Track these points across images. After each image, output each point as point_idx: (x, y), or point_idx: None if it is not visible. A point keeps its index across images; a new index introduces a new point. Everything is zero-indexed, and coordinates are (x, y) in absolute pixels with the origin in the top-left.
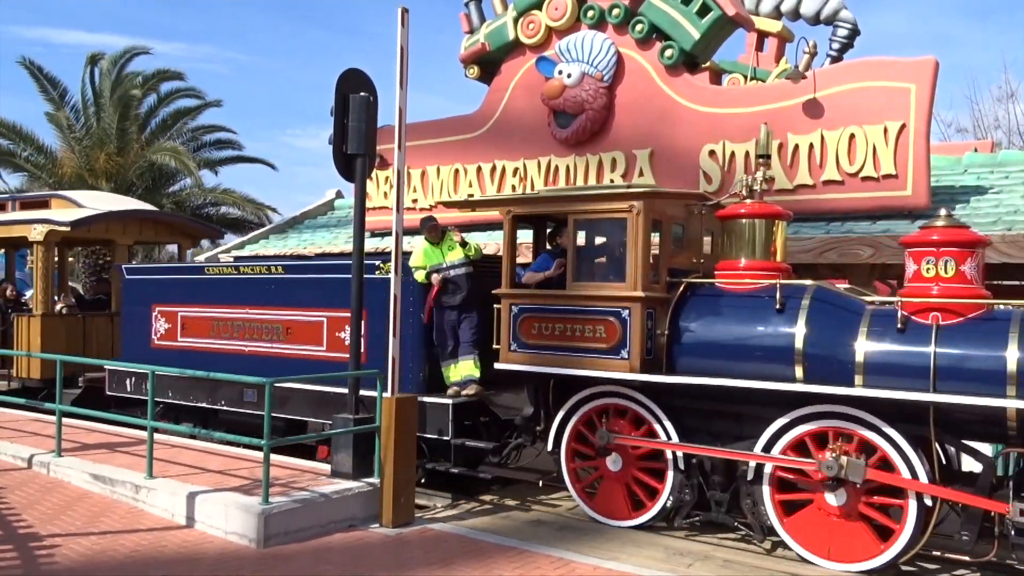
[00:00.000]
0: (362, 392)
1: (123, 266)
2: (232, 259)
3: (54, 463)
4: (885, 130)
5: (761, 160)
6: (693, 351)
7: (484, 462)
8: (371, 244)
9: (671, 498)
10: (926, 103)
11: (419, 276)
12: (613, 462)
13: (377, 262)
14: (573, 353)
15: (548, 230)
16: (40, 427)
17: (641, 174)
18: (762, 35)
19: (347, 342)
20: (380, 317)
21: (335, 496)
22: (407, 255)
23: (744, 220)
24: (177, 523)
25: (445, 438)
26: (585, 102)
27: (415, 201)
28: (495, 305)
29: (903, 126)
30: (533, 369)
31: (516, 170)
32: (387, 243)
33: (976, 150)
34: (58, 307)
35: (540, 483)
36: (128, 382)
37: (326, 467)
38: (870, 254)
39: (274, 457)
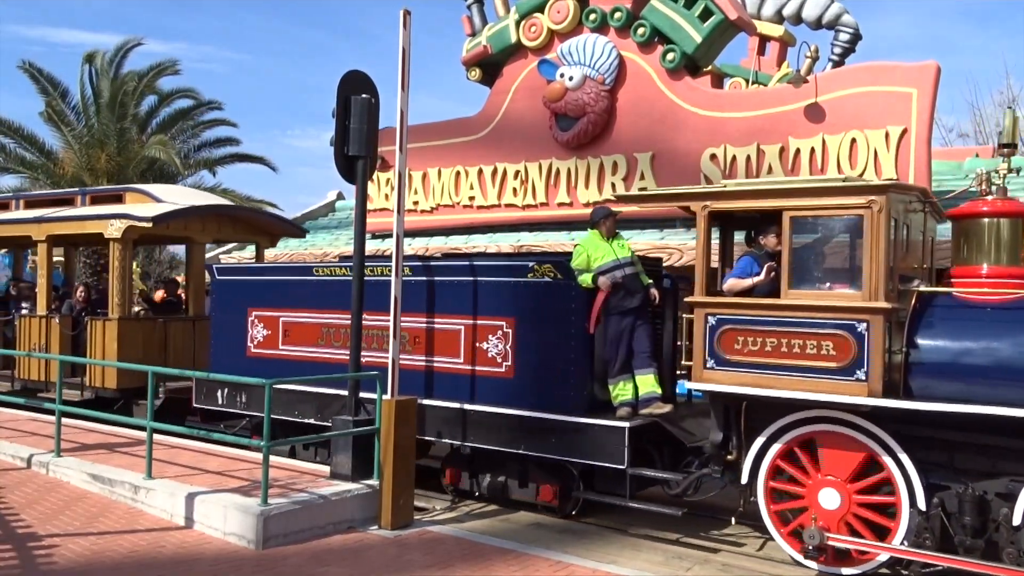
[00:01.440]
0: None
1: (215, 266)
2: (337, 258)
3: (53, 463)
4: (887, 135)
5: (1006, 149)
6: (937, 372)
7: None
8: (371, 246)
9: (904, 543)
10: (927, 108)
11: (585, 280)
12: (827, 498)
13: (531, 263)
14: (788, 372)
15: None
16: (39, 427)
17: (642, 177)
18: (764, 39)
19: (491, 354)
20: (533, 326)
21: (334, 498)
22: (515, 255)
23: (985, 220)
24: (176, 524)
25: (618, 466)
26: (587, 105)
27: (416, 203)
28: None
29: (904, 131)
30: (741, 391)
31: (517, 173)
32: (388, 245)
33: (977, 155)
34: (135, 310)
35: (733, 520)
36: (220, 394)
37: (325, 469)
38: None
39: (273, 458)
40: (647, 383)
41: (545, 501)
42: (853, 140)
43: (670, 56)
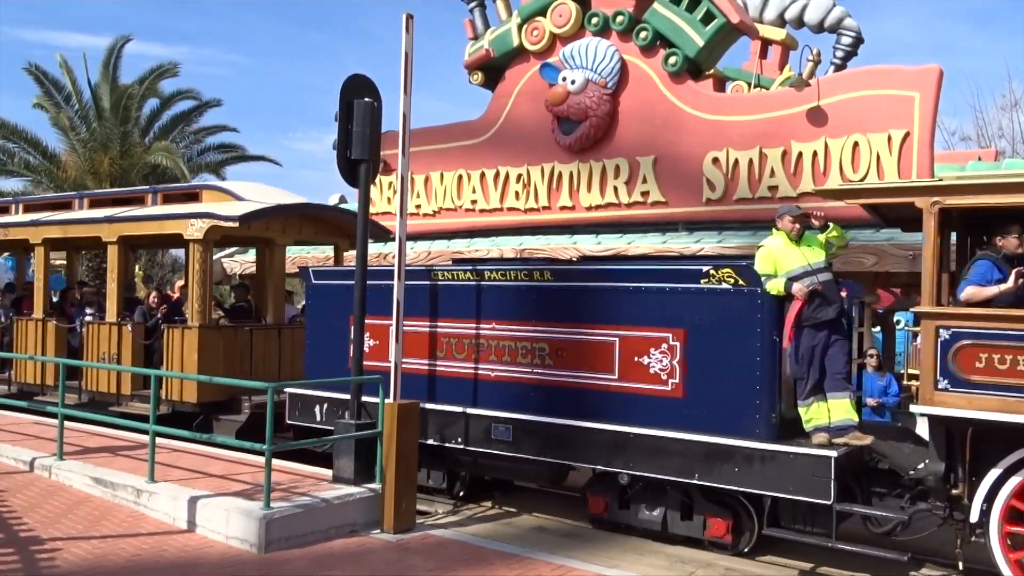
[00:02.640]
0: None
1: (312, 269)
2: (450, 261)
3: (56, 466)
4: (889, 138)
5: None
6: None
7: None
8: (373, 249)
9: None
10: (930, 112)
11: (774, 287)
12: None
13: (705, 268)
14: None
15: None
16: (42, 430)
17: (645, 181)
18: (766, 43)
19: (654, 370)
20: (709, 339)
21: (336, 501)
22: (682, 259)
23: None
24: (178, 527)
25: (821, 501)
26: (589, 109)
27: (418, 207)
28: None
29: (907, 134)
30: (987, 416)
31: (520, 176)
32: (390, 248)
33: (980, 159)
34: (215, 316)
35: (960, 566)
36: (318, 409)
37: (327, 472)
38: (873, 262)
39: (275, 462)
40: (842, 408)
41: (715, 537)
42: (855, 144)
43: (672, 60)
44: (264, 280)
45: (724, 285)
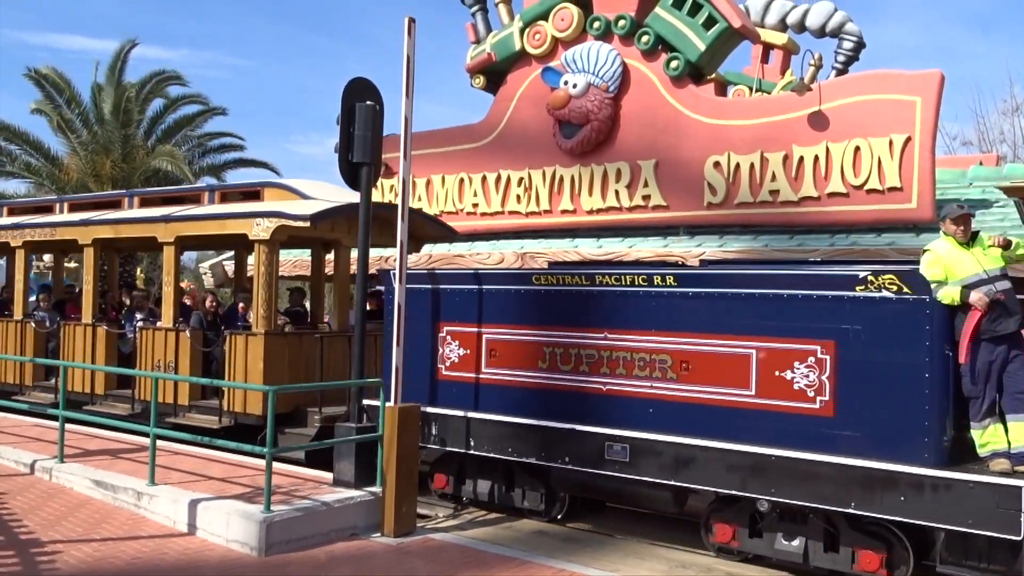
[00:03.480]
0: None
1: (393, 271)
2: (547, 264)
3: (56, 469)
4: (890, 143)
5: None
6: None
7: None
8: (374, 252)
9: None
10: (931, 116)
11: (948, 295)
12: None
13: (862, 273)
14: None
15: None
16: (42, 432)
17: (646, 185)
18: (767, 47)
19: (800, 385)
20: (867, 352)
21: (337, 505)
22: (833, 262)
23: None
24: (178, 530)
25: (1011, 536)
26: (590, 112)
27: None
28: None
29: (908, 139)
30: None
31: (521, 180)
32: (390, 252)
33: (981, 163)
34: (281, 323)
35: None
36: None
37: (328, 476)
38: None
39: (276, 465)
40: (1022, 431)
41: (869, 572)
42: (857, 148)
43: (674, 64)
44: (318, 284)
45: (885, 293)
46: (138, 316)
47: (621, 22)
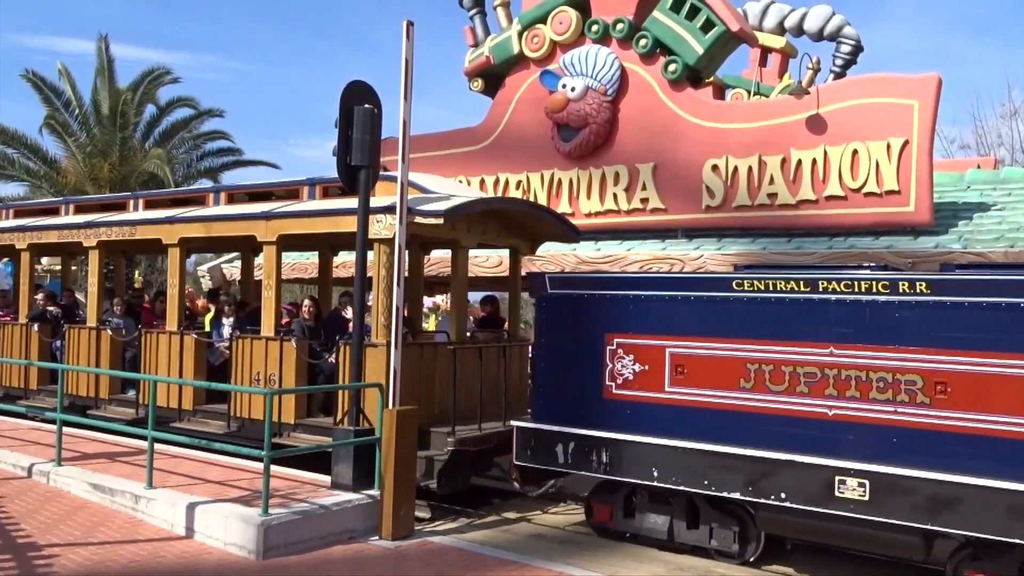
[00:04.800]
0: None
1: (548, 275)
2: (732, 267)
3: (54, 472)
4: (888, 146)
5: None
6: None
7: None
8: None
9: None
10: (929, 119)
11: None
12: None
13: None
14: None
15: None
16: (40, 436)
17: (644, 188)
18: (766, 51)
19: None
20: None
21: (335, 508)
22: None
23: None
24: (176, 533)
25: None
26: (588, 116)
27: None
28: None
29: (906, 142)
30: None
31: (519, 183)
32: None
33: (979, 167)
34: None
35: None
36: (561, 448)
37: (326, 479)
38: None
39: (274, 468)
40: None
41: None
42: (855, 151)
43: (672, 67)
44: (417, 287)
45: None
46: (225, 323)
47: (619, 25)
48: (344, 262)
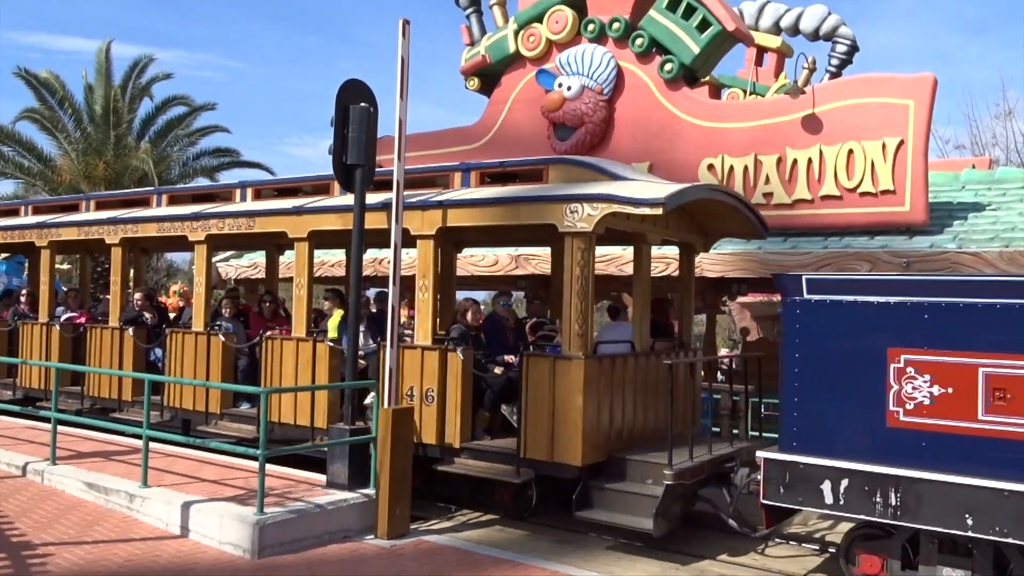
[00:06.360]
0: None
1: (805, 277)
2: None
3: (48, 471)
4: (883, 146)
5: None
6: None
7: None
8: (369, 254)
9: None
10: (924, 119)
11: None
12: None
13: None
14: None
15: None
16: (35, 434)
17: None
18: (761, 50)
19: None
20: None
21: (330, 507)
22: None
23: None
24: (171, 533)
25: None
26: (585, 115)
27: None
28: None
29: (901, 142)
30: None
31: None
32: (385, 255)
33: (974, 167)
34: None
35: None
36: (829, 487)
37: (321, 478)
38: (867, 269)
39: (269, 467)
40: None
41: None
42: (850, 151)
43: (668, 67)
44: (561, 288)
45: None
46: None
47: (615, 25)
48: (376, 258)
